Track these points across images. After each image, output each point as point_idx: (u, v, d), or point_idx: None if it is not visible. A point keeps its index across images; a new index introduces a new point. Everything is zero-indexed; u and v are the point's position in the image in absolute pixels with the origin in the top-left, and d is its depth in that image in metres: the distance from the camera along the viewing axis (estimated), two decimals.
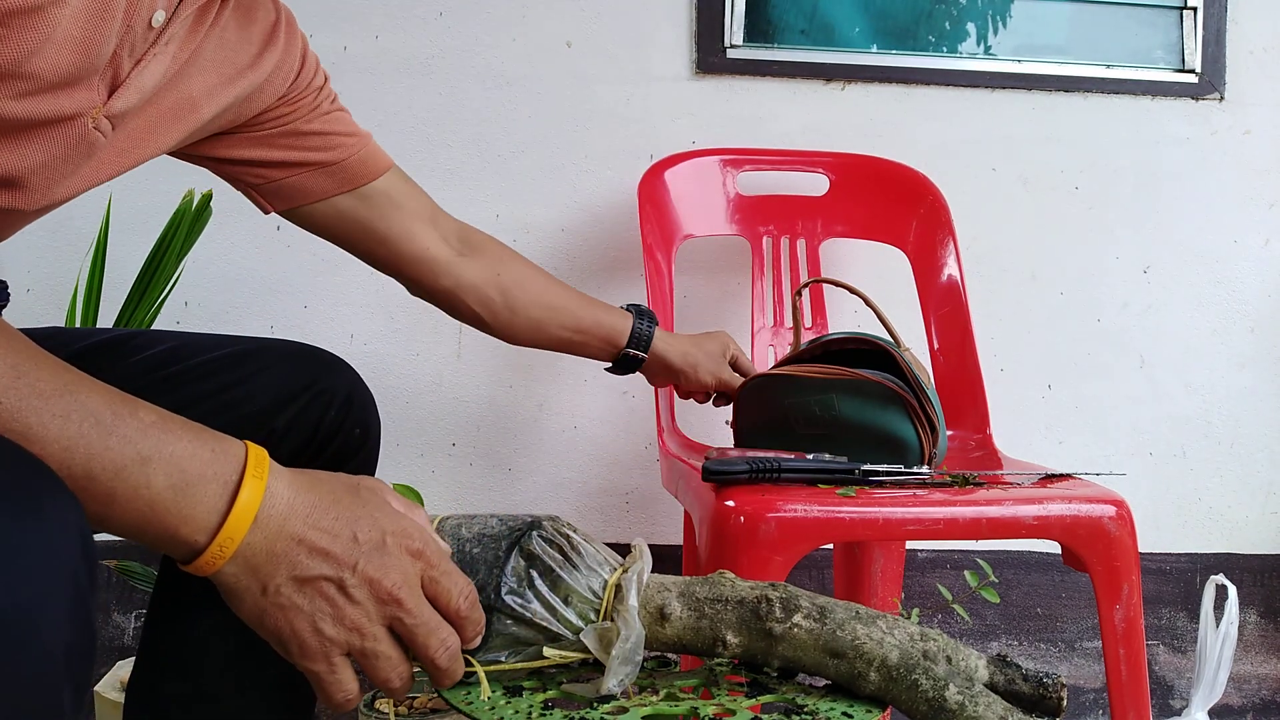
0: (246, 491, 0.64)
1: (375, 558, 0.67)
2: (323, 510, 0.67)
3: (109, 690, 1.60)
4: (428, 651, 0.69)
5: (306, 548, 0.66)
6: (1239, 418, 1.99)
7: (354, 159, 1.15)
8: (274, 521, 0.65)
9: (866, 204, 1.83)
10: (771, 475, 1.26)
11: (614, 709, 0.73)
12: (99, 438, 0.61)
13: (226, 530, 0.64)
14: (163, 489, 0.63)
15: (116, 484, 0.62)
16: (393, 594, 0.67)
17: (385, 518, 0.69)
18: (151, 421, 0.63)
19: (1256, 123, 1.96)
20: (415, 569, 0.69)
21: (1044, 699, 0.76)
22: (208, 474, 0.64)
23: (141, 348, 0.96)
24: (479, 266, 1.27)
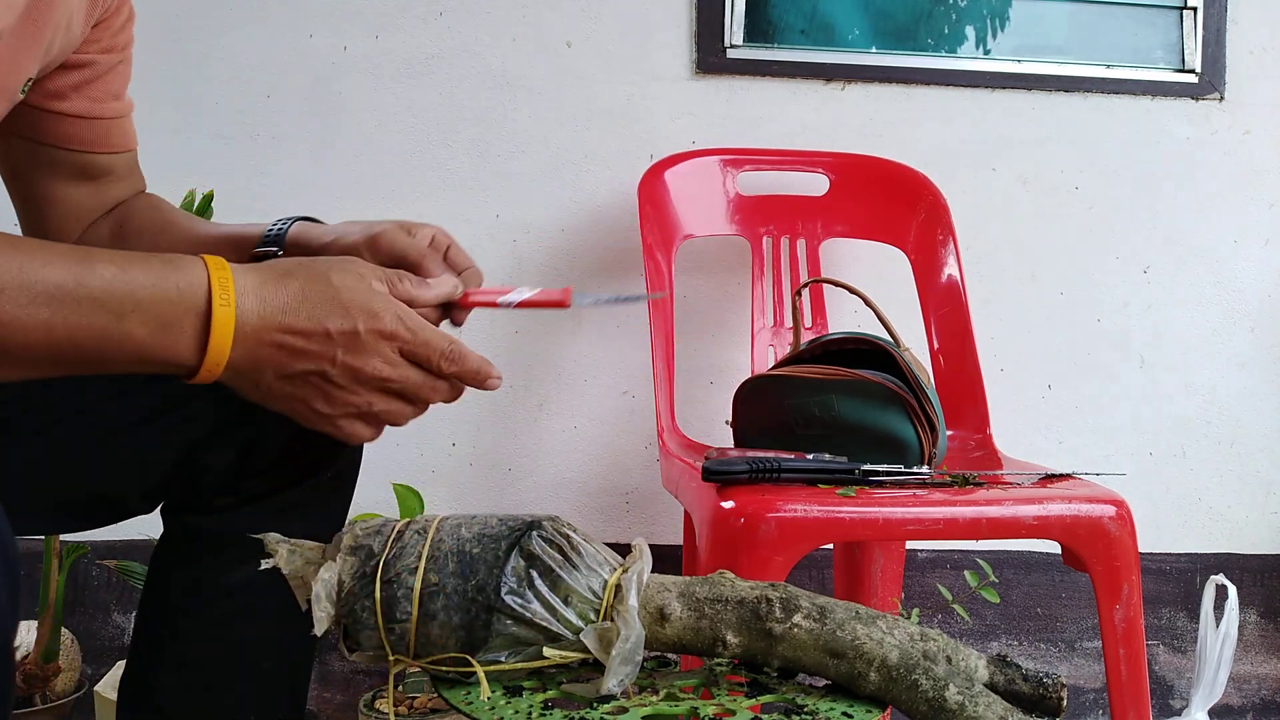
0: (218, 317, 0.69)
1: (351, 347, 0.72)
2: (294, 309, 0.71)
3: (109, 690, 1.60)
4: (429, 402, 0.77)
5: (286, 350, 0.71)
6: (1239, 418, 1.99)
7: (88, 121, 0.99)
8: (251, 333, 0.70)
9: (866, 204, 1.83)
10: (771, 475, 1.26)
11: (614, 709, 0.73)
12: (72, 311, 0.65)
13: (210, 355, 0.69)
14: (144, 336, 0.68)
15: (104, 345, 0.67)
16: (374, 375, 0.73)
17: (356, 305, 0.72)
18: (113, 275, 0.67)
19: (1256, 123, 1.96)
20: (391, 347, 0.73)
21: (1044, 699, 0.76)
22: (178, 312, 0.68)
23: None
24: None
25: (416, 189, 1.88)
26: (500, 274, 1.89)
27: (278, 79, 1.84)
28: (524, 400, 1.90)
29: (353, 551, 0.79)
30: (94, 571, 1.85)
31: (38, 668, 1.64)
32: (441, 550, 0.78)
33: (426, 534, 0.80)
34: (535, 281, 1.89)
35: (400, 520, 0.83)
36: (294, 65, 1.85)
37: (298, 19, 1.85)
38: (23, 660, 1.65)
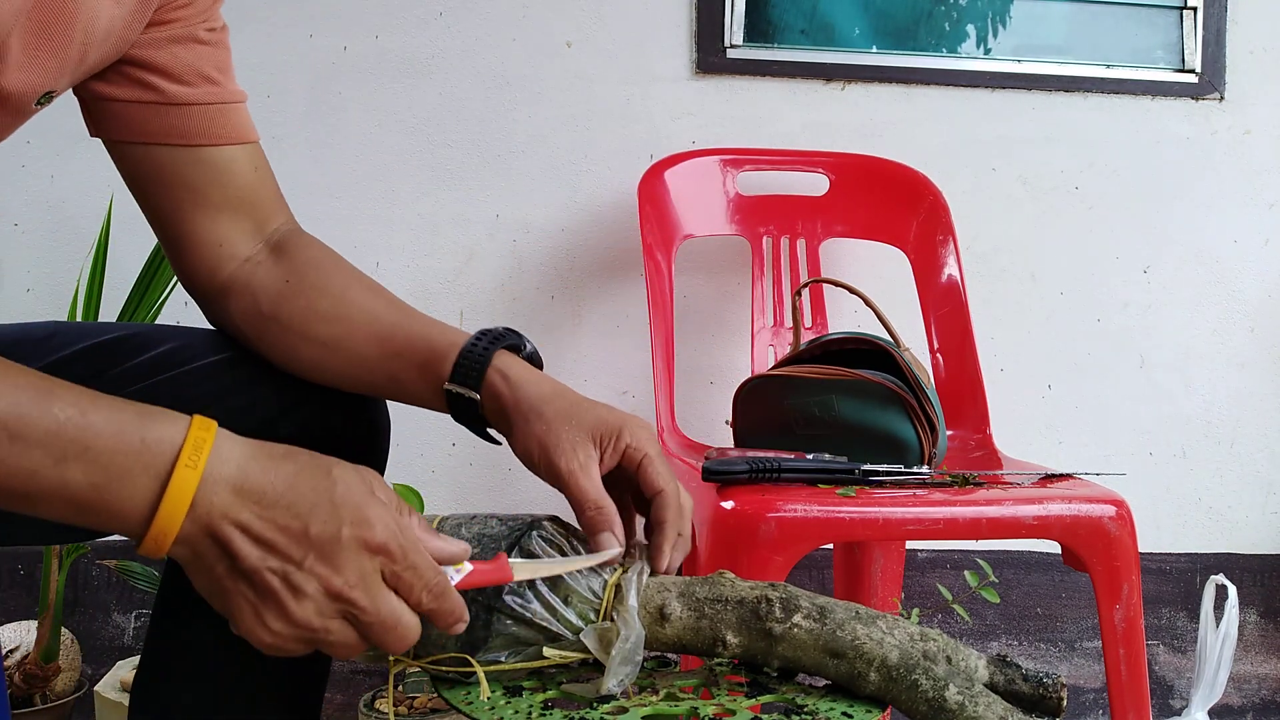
0: (178, 478, 0.61)
1: (328, 552, 0.63)
2: (276, 496, 0.63)
3: (109, 690, 1.60)
4: (383, 647, 0.67)
5: (251, 536, 0.63)
6: (1239, 418, 1.99)
7: (203, 108, 0.91)
8: (216, 506, 0.62)
9: (866, 204, 1.83)
10: (771, 475, 1.26)
11: (614, 709, 0.73)
12: (4, 445, 0.59)
13: (159, 521, 0.61)
14: (82, 486, 0.60)
15: (32, 493, 0.60)
16: (343, 593, 0.64)
17: (349, 508, 0.64)
18: (67, 418, 0.60)
19: (1256, 123, 1.96)
20: (374, 564, 0.64)
21: (1044, 699, 0.76)
22: (134, 467, 0.61)
23: (142, 348, 0.94)
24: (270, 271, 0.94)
25: (416, 189, 1.88)
26: (500, 274, 1.89)
27: (278, 79, 1.84)
28: None
29: None
30: (94, 571, 1.85)
31: (38, 668, 1.64)
32: None
33: None
34: (535, 281, 1.89)
35: None
36: (294, 65, 1.85)
37: (298, 19, 1.85)
38: (23, 660, 1.65)
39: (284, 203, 0.98)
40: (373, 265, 1.86)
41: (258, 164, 0.95)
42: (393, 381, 0.90)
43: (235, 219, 0.93)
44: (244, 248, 0.94)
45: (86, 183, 1.83)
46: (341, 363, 0.90)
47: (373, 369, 0.90)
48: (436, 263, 1.88)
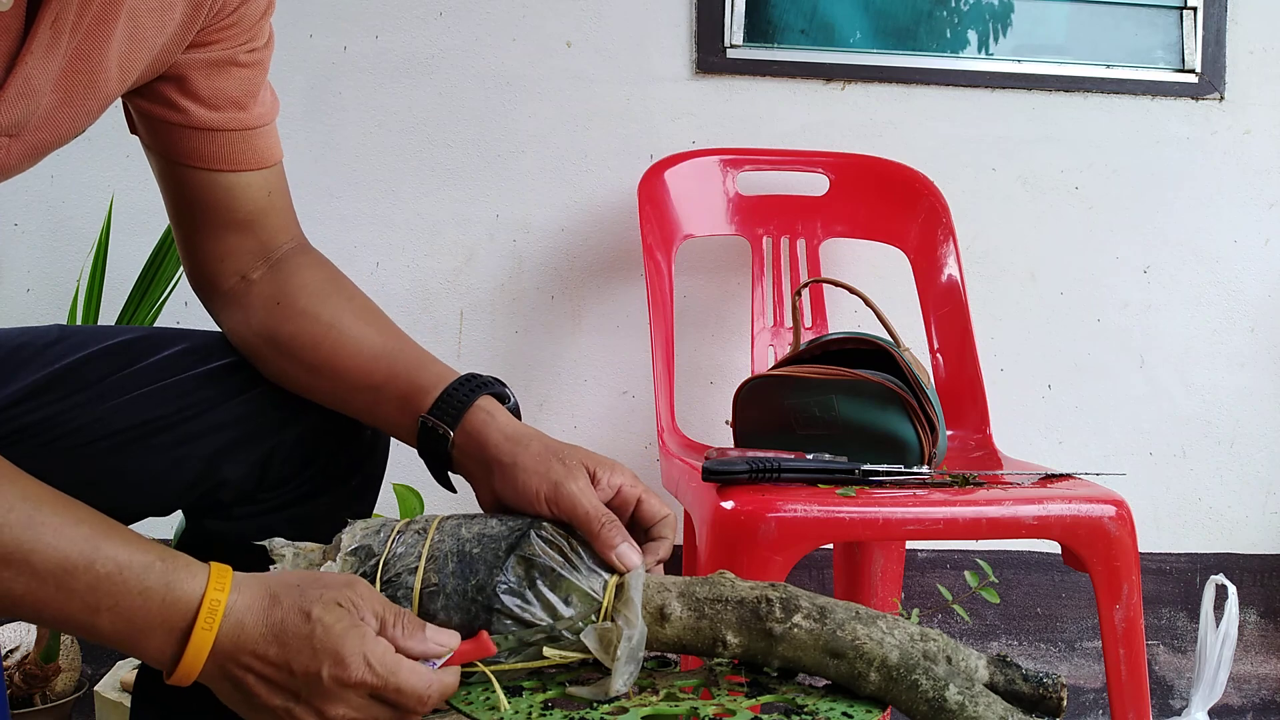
0: (195, 641, 0.69)
1: (316, 691, 0.70)
2: (268, 640, 0.70)
3: (109, 690, 1.60)
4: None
5: (254, 676, 0.70)
6: (1239, 418, 1.99)
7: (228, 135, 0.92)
8: (225, 656, 0.70)
9: (866, 204, 1.83)
10: (771, 475, 1.26)
11: (614, 709, 0.73)
12: (52, 591, 0.67)
13: (181, 669, 0.70)
14: (111, 634, 0.69)
15: (68, 627, 0.69)
16: (339, 718, 0.71)
17: (326, 651, 0.70)
18: (105, 574, 0.68)
19: (1256, 123, 1.96)
20: (359, 694, 0.71)
21: (1044, 699, 0.76)
22: (155, 624, 0.69)
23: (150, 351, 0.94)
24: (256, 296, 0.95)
25: (416, 189, 1.88)
26: (500, 274, 1.89)
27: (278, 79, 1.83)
28: (524, 400, 1.88)
29: (353, 552, 0.79)
30: None
31: (38, 668, 1.64)
32: (441, 550, 0.79)
33: (426, 534, 0.80)
34: (535, 281, 1.89)
35: (400, 520, 0.83)
36: (294, 65, 1.85)
37: (298, 19, 1.85)
38: (23, 660, 1.65)
39: (294, 222, 1.00)
40: (372, 265, 1.86)
41: (272, 188, 0.96)
42: (369, 409, 0.92)
43: (241, 237, 0.95)
44: (246, 264, 0.96)
45: (86, 183, 1.83)
46: (325, 386, 0.93)
47: (353, 395, 0.92)
48: (436, 263, 1.88)
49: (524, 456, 0.84)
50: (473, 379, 0.90)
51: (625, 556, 0.79)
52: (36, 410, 0.88)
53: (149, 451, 0.90)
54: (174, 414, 0.91)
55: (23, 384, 0.89)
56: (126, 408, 0.90)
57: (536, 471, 0.83)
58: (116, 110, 0.92)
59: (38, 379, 0.90)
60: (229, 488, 0.93)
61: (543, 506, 0.82)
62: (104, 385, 0.90)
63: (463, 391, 0.88)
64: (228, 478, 0.92)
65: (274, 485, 0.94)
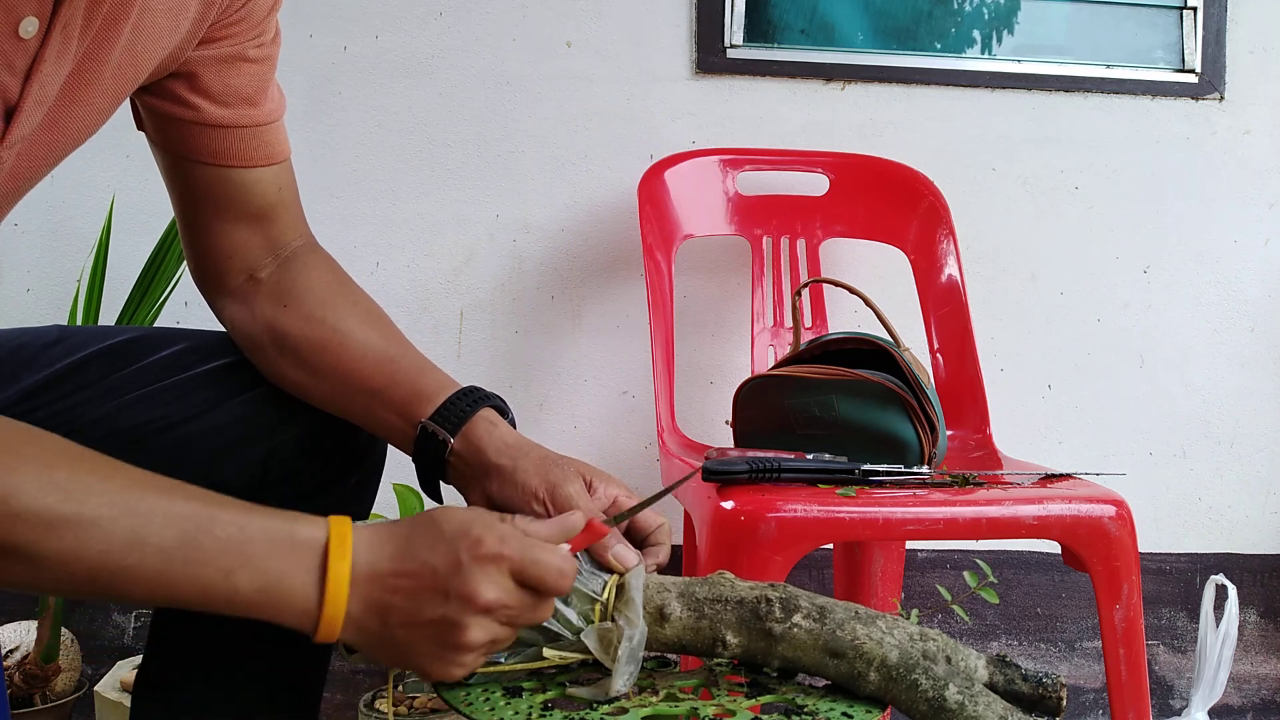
0: (334, 572, 0.69)
1: (460, 579, 0.69)
2: (401, 554, 0.70)
3: (109, 690, 1.60)
4: (531, 625, 0.74)
5: (401, 594, 0.70)
6: (1239, 418, 1.99)
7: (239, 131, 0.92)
8: (366, 584, 0.70)
9: (866, 204, 1.83)
10: (771, 475, 1.26)
11: (614, 709, 0.73)
12: (180, 567, 0.66)
13: (327, 611, 0.69)
14: (252, 593, 0.68)
15: (207, 600, 0.68)
16: (490, 604, 0.70)
17: (458, 536, 0.71)
18: (229, 536, 0.68)
19: (1256, 123, 1.96)
20: (500, 571, 0.70)
21: (1044, 699, 0.76)
22: (291, 569, 0.69)
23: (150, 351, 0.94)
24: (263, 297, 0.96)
25: (416, 189, 1.88)
26: (500, 274, 1.89)
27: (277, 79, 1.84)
28: (524, 400, 1.90)
29: None
30: None
31: (38, 668, 1.64)
32: None
33: None
34: (535, 281, 1.89)
35: None
36: (294, 65, 1.85)
37: (298, 19, 1.84)
38: (23, 660, 1.65)
39: (302, 220, 1.00)
40: (372, 265, 1.86)
41: (282, 184, 0.96)
42: (366, 413, 0.93)
43: (250, 233, 0.95)
44: (254, 261, 0.96)
45: (86, 183, 1.83)
46: (325, 389, 0.93)
47: (352, 399, 0.93)
48: (436, 263, 1.88)
49: (523, 462, 0.86)
50: (475, 391, 0.91)
51: (622, 556, 0.80)
52: (36, 410, 0.88)
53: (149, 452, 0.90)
54: (174, 414, 0.91)
55: (22, 385, 0.89)
56: (126, 408, 0.90)
57: (535, 473, 0.85)
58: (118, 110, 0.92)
59: (37, 380, 0.90)
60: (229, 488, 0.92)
61: (539, 506, 0.83)
62: (104, 386, 0.91)
63: (465, 401, 0.89)
64: (228, 477, 0.92)
65: (274, 485, 0.94)
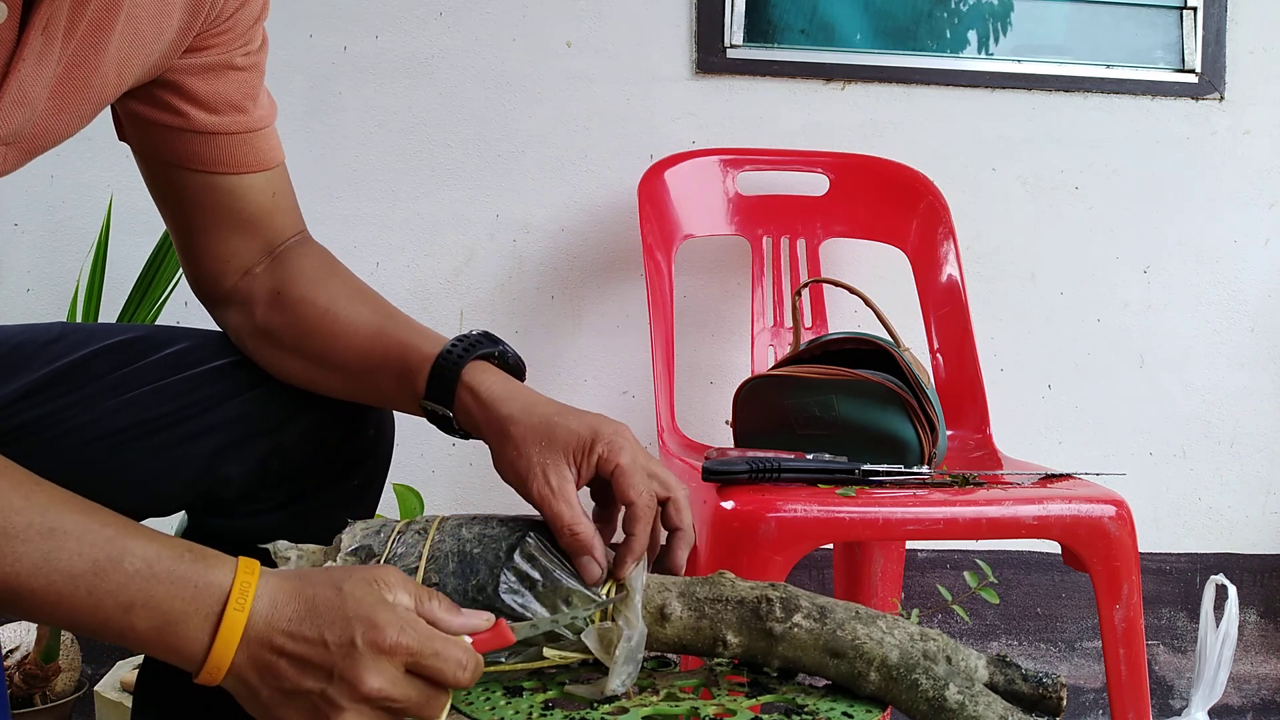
0: (228, 622, 0.68)
1: (350, 662, 0.67)
2: (299, 619, 0.69)
3: (109, 690, 1.60)
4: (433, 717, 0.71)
5: (287, 658, 0.68)
6: (1239, 418, 1.99)
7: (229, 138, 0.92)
8: (258, 642, 0.68)
9: (866, 204, 1.83)
10: (771, 475, 1.26)
11: (614, 709, 0.73)
12: (85, 597, 0.66)
13: (212, 659, 0.68)
14: (145, 630, 0.68)
15: (102, 631, 0.68)
16: (371, 694, 0.68)
17: (359, 619, 0.68)
18: (136, 571, 0.67)
19: (1256, 123, 1.96)
20: (395, 664, 0.68)
21: (1044, 698, 0.76)
22: (190, 610, 0.68)
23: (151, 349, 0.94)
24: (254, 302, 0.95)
25: (416, 189, 1.88)
26: (500, 274, 1.89)
27: (278, 79, 1.83)
28: None
29: (353, 552, 0.79)
30: None
31: (38, 668, 1.64)
32: (442, 550, 0.79)
33: (427, 534, 0.80)
34: (535, 281, 1.89)
35: (400, 521, 0.83)
36: (294, 65, 1.85)
37: (298, 19, 1.85)
38: (23, 660, 1.65)
39: (298, 220, 0.99)
40: (372, 265, 1.86)
41: (276, 188, 0.96)
42: (377, 392, 0.92)
43: (244, 238, 0.95)
44: (250, 262, 0.96)
45: (86, 183, 1.83)
46: (329, 376, 0.92)
47: (358, 381, 0.92)
48: (436, 263, 1.88)
49: (508, 449, 0.83)
50: (459, 344, 0.88)
51: (587, 569, 0.78)
52: (37, 407, 0.88)
53: (150, 450, 0.90)
54: (175, 412, 0.91)
55: (23, 381, 0.89)
56: (127, 406, 0.90)
57: (514, 467, 0.82)
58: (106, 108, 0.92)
59: (38, 376, 0.90)
60: (230, 486, 0.93)
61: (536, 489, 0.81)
62: (105, 383, 0.90)
63: (450, 362, 0.87)
64: (229, 476, 0.92)
65: (276, 483, 0.94)
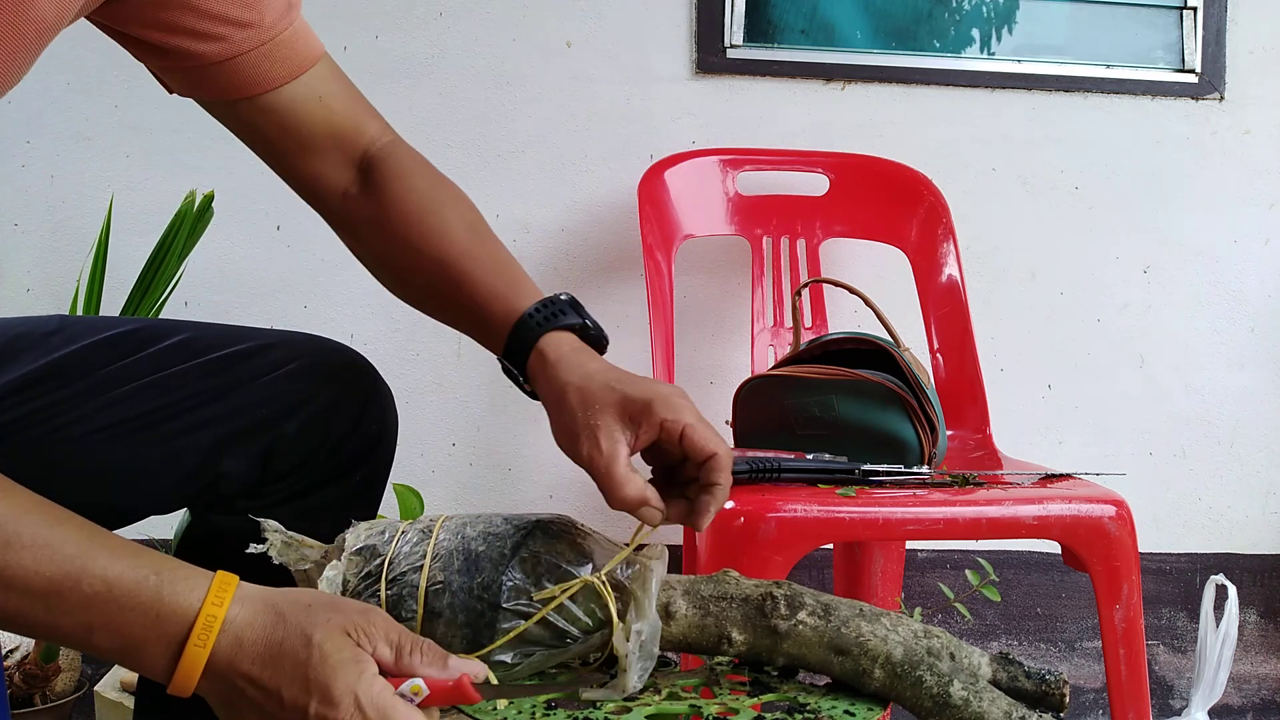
0: (189, 656, 0.66)
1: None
2: (262, 662, 0.67)
3: (109, 690, 1.60)
4: None
5: (243, 698, 0.68)
6: (1239, 418, 1.99)
7: (247, 56, 0.86)
8: (219, 674, 0.67)
9: (866, 204, 1.83)
10: (771, 475, 1.26)
11: (617, 708, 0.73)
12: (41, 613, 0.65)
13: (177, 681, 0.67)
14: (107, 649, 0.67)
15: (67, 644, 0.68)
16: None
17: (317, 682, 0.66)
18: (95, 593, 0.65)
19: (1256, 123, 1.96)
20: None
21: (1047, 695, 0.76)
22: (150, 638, 0.66)
23: (150, 341, 0.93)
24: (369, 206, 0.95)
25: None
26: None
27: None
28: (524, 400, 1.89)
29: (357, 552, 0.79)
30: None
31: (38, 668, 1.64)
32: (446, 549, 0.78)
33: (431, 533, 0.80)
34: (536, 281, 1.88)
35: (404, 521, 0.83)
36: None
37: None
38: (23, 660, 1.65)
39: (367, 115, 0.96)
40: None
41: (323, 91, 0.91)
42: (469, 333, 0.94)
43: (319, 156, 0.93)
44: (337, 179, 0.95)
45: (86, 183, 1.83)
46: (426, 304, 0.95)
47: (452, 319, 0.94)
48: None
49: (562, 411, 0.83)
50: (543, 309, 0.88)
51: (647, 516, 0.77)
52: (35, 399, 0.87)
53: (148, 442, 0.89)
54: (174, 405, 0.90)
55: (21, 372, 0.89)
56: (126, 398, 0.90)
57: (575, 421, 0.81)
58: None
59: (36, 368, 0.89)
60: (230, 480, 0.92)
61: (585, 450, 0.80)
62: (103, 375, 0.90)
63: (529, 327, 0.87)
64: (228, 470, 0.91)
65: (277, 478, 0.94)
